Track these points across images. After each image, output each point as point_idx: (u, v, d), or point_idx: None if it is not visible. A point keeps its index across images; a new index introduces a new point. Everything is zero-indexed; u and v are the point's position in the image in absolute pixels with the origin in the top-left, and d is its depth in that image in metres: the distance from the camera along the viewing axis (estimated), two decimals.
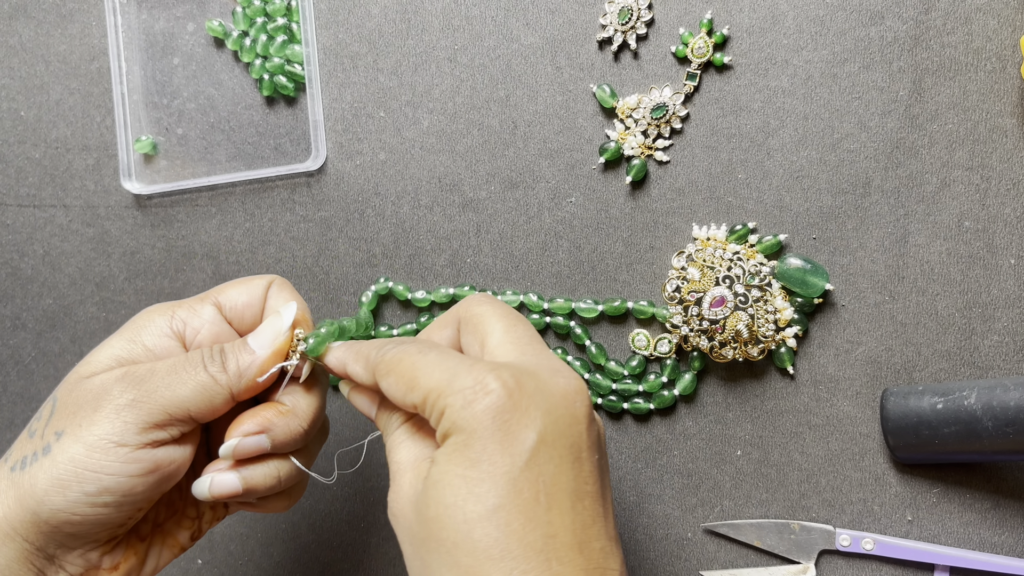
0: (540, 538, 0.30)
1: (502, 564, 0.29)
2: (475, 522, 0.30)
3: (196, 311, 0.38)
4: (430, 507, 0.31)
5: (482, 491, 0.30)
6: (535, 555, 0.29)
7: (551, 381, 0.32)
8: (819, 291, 0.45)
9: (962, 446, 0.42)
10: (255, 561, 0.52)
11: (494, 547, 0.29)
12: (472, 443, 0.30)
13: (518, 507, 0.30)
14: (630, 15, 0.47)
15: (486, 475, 0.30)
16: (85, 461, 0.34)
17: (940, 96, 0.45)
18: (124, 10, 0.53)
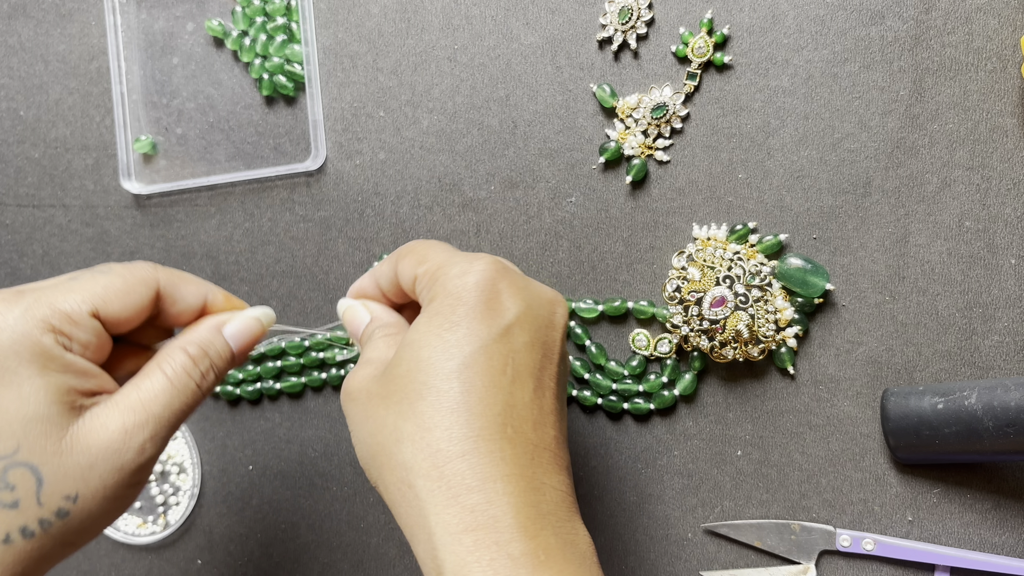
0: (500, 403, 0.32)
1: (459, 417, 0.31)
2: (443, 375, 0.32)
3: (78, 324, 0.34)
4: (401, 365, 0.33)
5: (455, 350, 0.32)
6: (493, 416, 0.32)
7: (538, 287, 0.36)
8: (819, 291, 0.45)
9: (963, 446, 0.42)
10: (255, 561, 0.52)
11: (456, 400, 0.31)
12: (456, 308, 0.33)
13: (486, 370, 0.32)
14: (630, 15, 0.47)
15: (463, 337, 0.32)
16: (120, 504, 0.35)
17: (941, 96, 0.45)
18: (123, 10, 0.53)
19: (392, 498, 0.32)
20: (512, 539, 0.30)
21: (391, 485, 0.32)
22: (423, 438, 0.32)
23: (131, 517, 0.54)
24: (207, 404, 0.53)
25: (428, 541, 0.31)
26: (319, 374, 0.51)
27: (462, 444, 0.31)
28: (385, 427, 0.33)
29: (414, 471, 0.31)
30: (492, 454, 0.31)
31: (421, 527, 0.31)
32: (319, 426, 0.52)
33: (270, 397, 0.52)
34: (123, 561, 0.54)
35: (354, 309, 0.40)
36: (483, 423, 0.32)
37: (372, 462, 0.33)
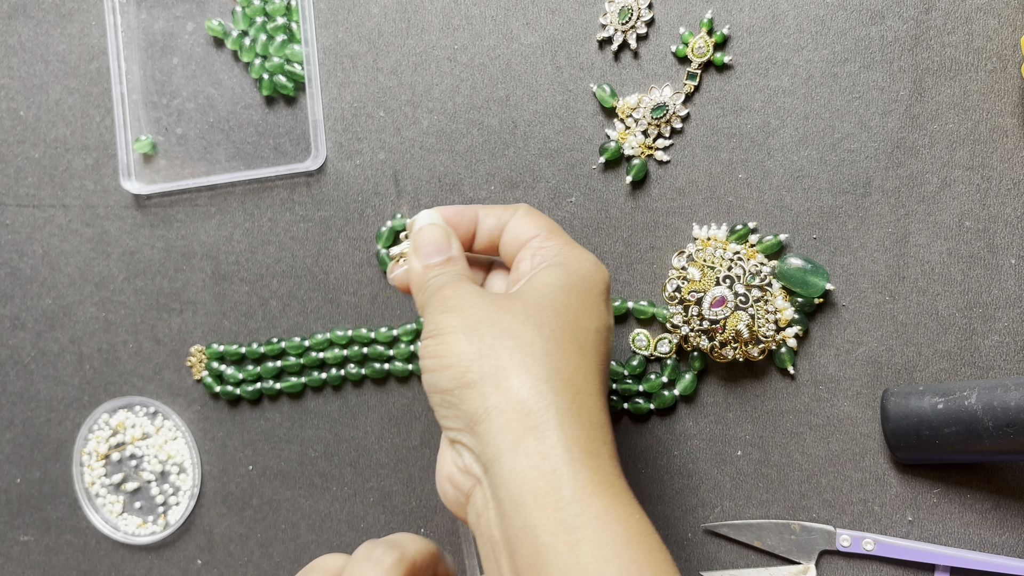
0: (605, 377, 0.36)
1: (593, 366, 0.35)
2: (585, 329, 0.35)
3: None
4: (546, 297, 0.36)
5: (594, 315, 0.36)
6: (604, 381, 0.36)
7: None
8: (819, 291, 0.45)
9: (963, 446, 0.42)
10: (255, 561, 0.52)
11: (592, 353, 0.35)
12: (590, 288, 0.37)
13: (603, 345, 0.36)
14: (630, 15, 0.47)
15: (594, 311, 0.36)
16: None
17: (941, 96, 0.45)
18: (123, 9, 0.53)
19: (497, 404, 0.33)
20: (622, 477, 0.33)
21: (507, 391, 0.33)
22: (562, 364, 0.34)
23: (131, 517, 0.54)
24: (207, 404, 0.53)
25: (545, 453, 0.32)
26: (319, 374, 0.51)
27: (592, 385, 0.34)
28: (518, 338, 0.34)
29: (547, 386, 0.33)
30: (606, 407, 0.35)
31: (539, 439, 0.32)
32: (319, 426, 0.52)
33: (270, 397, 0.52)
34: (123, 561, 0.54)
35: (443, 232, 0.40)
36: (603, 380, 0.35)
37: (484, 362, 0.34)
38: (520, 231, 0.40)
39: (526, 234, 0.39)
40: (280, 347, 0.52)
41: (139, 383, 0.54)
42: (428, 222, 0.40)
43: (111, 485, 0.54)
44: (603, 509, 0.31)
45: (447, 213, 0.41)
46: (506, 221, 0.40)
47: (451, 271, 0.39)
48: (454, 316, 0.35)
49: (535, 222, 0.40)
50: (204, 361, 0.53)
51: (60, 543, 0.55)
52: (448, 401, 0.34)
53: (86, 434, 0.54)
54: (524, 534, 0.31)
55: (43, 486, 0.56)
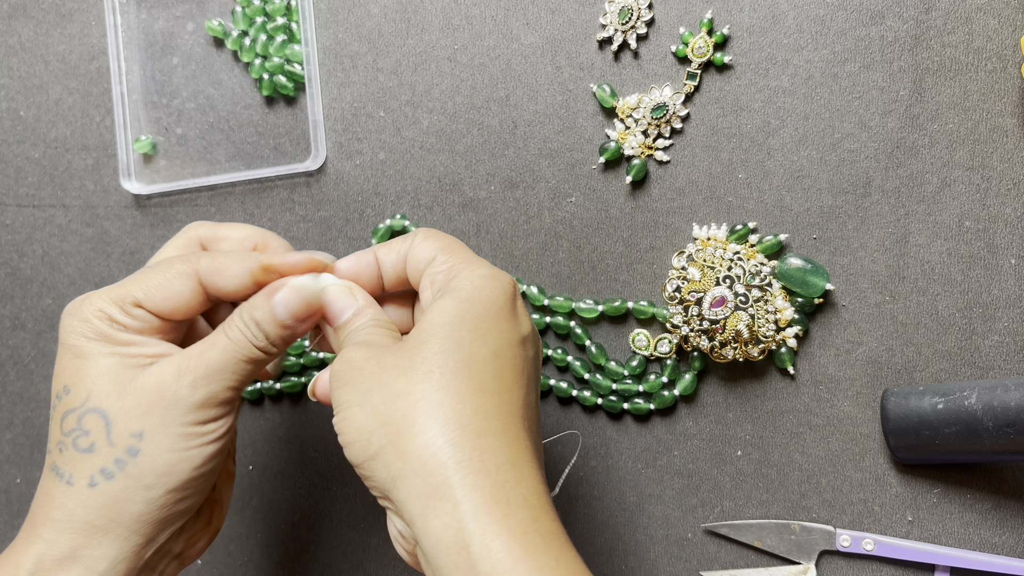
0: (521, 398, 0.34)
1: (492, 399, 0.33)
2: (479, 359, 0.33)
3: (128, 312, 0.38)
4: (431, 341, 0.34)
5: (489, 340, 0.34)
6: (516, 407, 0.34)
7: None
8: (819, 291, 0.45)
9: (963, 446, 0.42)
10: (255, 561, 0.52)
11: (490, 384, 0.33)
12: (488, 305, 0.35)
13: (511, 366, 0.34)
14: (630, 15, 0.47)
15: (493, 332, 0.34)
16: (185, 443, 0.37)
17: (941, 96, 0.45)
18: (123, 10, 0.53)
19: (398, 470, 0.32)
20: (541, 517, 0.31)
21: (405, 455, 0.32)
22: (457, 410, 0.32)
23: None
24: None
25: (452, 513, 0.31)
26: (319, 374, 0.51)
27: (494, 423, 0.32)
28: (408, 395, 0.33)
29: (444, 440, 0.32)
30: (519, 439, 0.33)
31: (443, 498, 0.31)
32: (319, 426, 0.52)
33: (270, 397, 0.52)
34: None
35: (342, 291, 0.39)
36: (510, 410, 0.33)
37: (377, 433, 0.33)
38: (418, 258, 0.38)
39: (424, 260, 0.38)
40: None
41: None
42: (322, 287, 0.39)
43: None
44: (513, 562, 0.30)
45: (345, 265, 0.40)
46: (405, 252, 0.39)
47: (358, 326, 0.38)
48: (346, 390, 0.34)
49: (431, 244, 0.38)
50: None
51: None
52: (362, 474, 0.34)
53: None
54: None
55: None
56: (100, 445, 0.36)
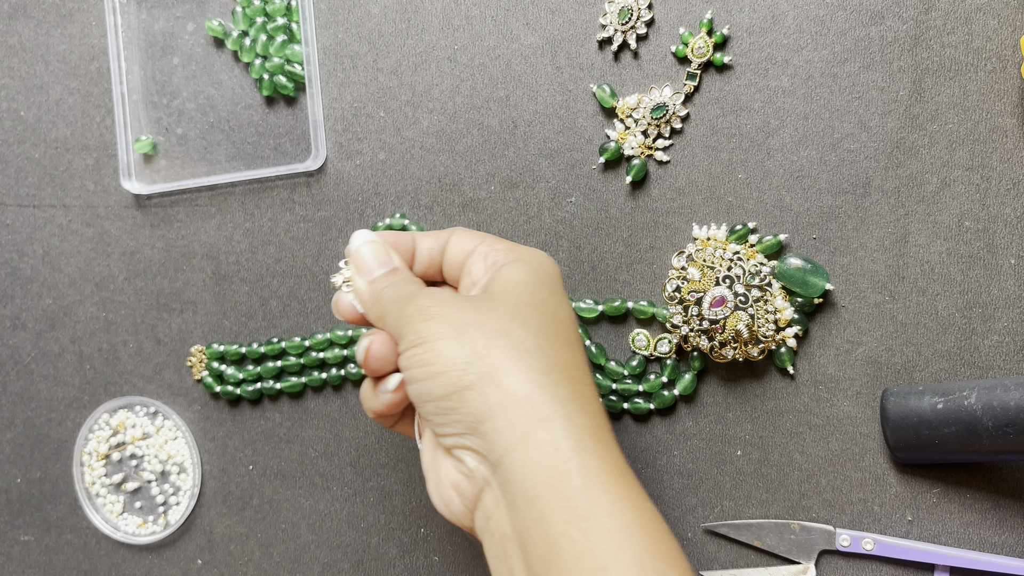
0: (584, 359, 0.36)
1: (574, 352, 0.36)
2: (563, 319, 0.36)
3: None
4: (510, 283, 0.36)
5: (560, 305, 0.37)
6: (586, 366, 0.36)
7: None
8: (819, 291, 0.45)
9: (962, 446, 0.42)
10: (255, 561, 0.52)
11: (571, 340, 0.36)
12: (545, 278, 0.37)
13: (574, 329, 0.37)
14: (630, 15, 0.47)
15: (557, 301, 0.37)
16: None
17: (940, 96, 0.45)
18: (124, 10, 0.53)
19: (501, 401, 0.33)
20: (626, 464, 0.34)
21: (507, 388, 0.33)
22: (555, 358, 0.34)
23: (131, 517, 0.54)
24: (207, 404, 0.53)
25: (554, 444, 0.32)
26: (319, 374, 0.51)
27: (585, 376, 0.35)
28: (509, 336, 0.34)
29: (547, 379, 0.33)
30: (593, 387, 0.35)
31: (547, 429, 0.32)
32: (319, 426, 0.52)
33: (270, 397, 0.52)
34: (123, 561, 0.54)
35: (380, 248, 0.40)
36: (584, 366, 0.36)
37: (478, 363, 0.34)
38: (459, 248, 0.40)
39: (465, 250, 0.40)
40: (280, 347, 0.52)
41: (139, 383, 0.54)
42: (363, 241, 0.40)
43: (111, 485, 0.54)
44: (615, 497, 0.31)
45: (383, 237, 0.41)
46: (445, 240, 0.41)
47: (398, 280, 0.39)
48: (439, 322, 0.35)
49: (472, 236, 0.40)
50: (204, 361, 0.53)
51: (60, 543, 0.55)
52: (445, 407, 0.34)
53: (86, 434, 0.54)
54: (538, 526, 0.31)
55: (43, 486, 0.56)
56: None
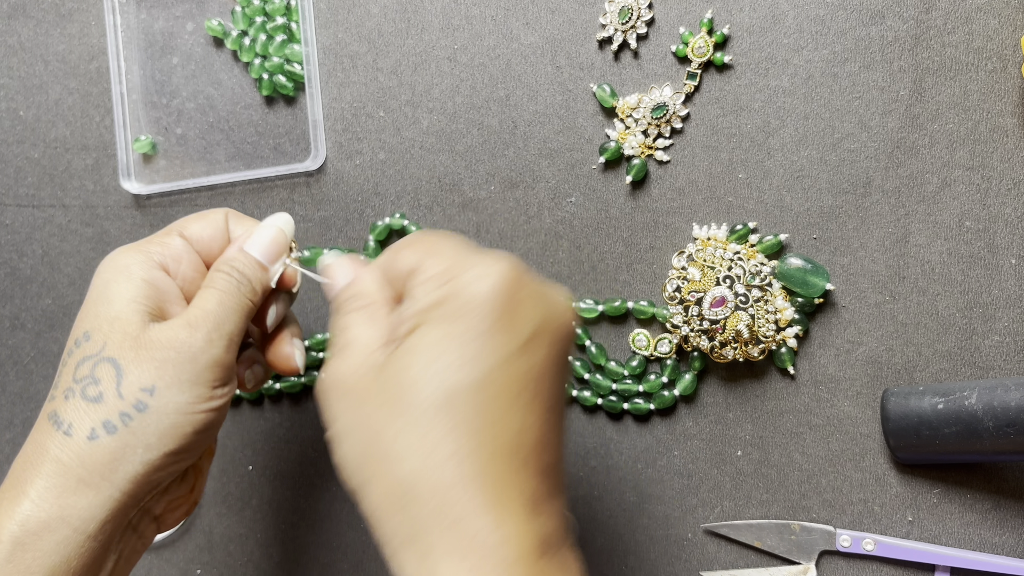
0: (514, 428, 0.30)
1: (471, 440, 0.30)
2: (459, 393, 0.30)
3: (167, 244, 0.40)
4: (409, 370, 0.31)
5: (473, 366, 0.30)
6: (505, 442, 0.30)
7: (553, 293, 0.34)
8: (820, 291, 0.45)
9: (963, 446, 0.42)
10: (254, 562, 0.52)
11: (470, 422, 0.30)
12: (473, 317, 0.31)
13: (503, 392, 0.30)
14: (630, 14, 0.47)
15: (481, 352, 0.30)
16: (195, 405, 0.36)
17: (941, 96, 0.45)
18: (123, 9, 0.53)
19: (378, 507, 0.31)
20: (514, 567, 0.29)
21: (381, 496, 0.31)
22: (430, 456, 0.30)
23: None
24: None
25: (421, 562, 0.30)
26: (319, 374, 0.51)
27: (471, 468, 0.30)
28: (383, 436, 0.31)
29: (416, 489, 0.30)
30: (499, 482, 0.30)
31: (414, 545, 0.30)
32: (319, 426, 0.52)
33: (270, 397, 0.52)
34: None
35: (340, 264, 0.38)
36: (494, 449, 0.30)
37: (360, 468, 0.32)
38: (399, 269, 0.35)
39: (404, 270, 0.34)
40: None
41: None
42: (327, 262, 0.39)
43: None
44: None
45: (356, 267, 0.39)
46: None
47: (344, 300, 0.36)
48: (331, 410, 0.34)
49: (412, 252, 0.34)
50: None
51: None
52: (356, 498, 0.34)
53: None
54: None
55: None
56: (108, 396, 0.35)
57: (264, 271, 0.40)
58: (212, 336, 0.37)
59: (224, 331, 0.37)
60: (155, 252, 0.39)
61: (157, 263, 0.39)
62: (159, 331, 0.36)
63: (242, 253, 0.40)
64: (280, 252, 0.41)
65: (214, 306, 0.37)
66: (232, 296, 0.38)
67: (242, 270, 0.39)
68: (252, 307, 0.39)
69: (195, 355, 0.36)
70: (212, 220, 0.41)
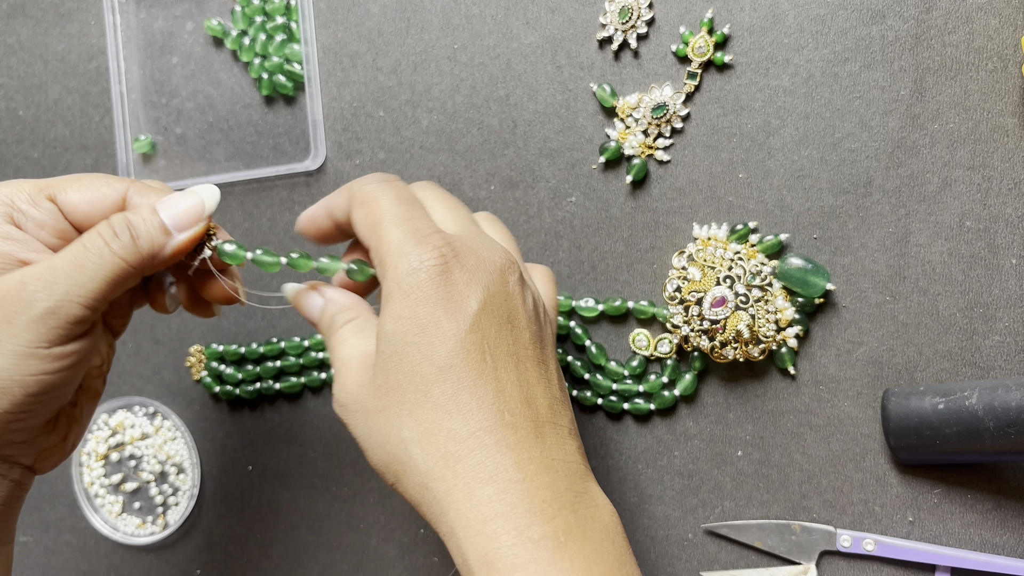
0: (490, 392, 0.33)
1: (458, 416, 0.33)
2: (431, 382, 0.33)
3: (36, 203, 0.37)
4: (388, 375, 0.34)
5: (434, 353, 0.33)
6: (487, 406, 0.33)
7: (488, 257, 0.35)
8: (820, 291, 0.45)
9: (963, 447, 0.42)
10: (255, 561, 0.52)
11: (450, 402, 0.33)
12: (418, 309, 0.33)
13: (468, 364, 0.33)
14: (630, 14, 0.47)
15: (435, 338, 0.33)
16: (20, 368, 0.34)
17: (941, 95, 0.44)
18: (123, 9, 0.53)
19: (414, 499, 0.34)
20: (531, 523, 0.31)
21: (410, 488, 0.34)
22: (430, 443, 0.33)
23: (130, 517, 0.54)
24: (206, 404, 0.53)
25: (452, 536, 0.32)
26: (318, 374, 0.51)
27: (467, 442, 0.32)
28: (391, 437, 0.34)
29: (428, 474, 0.33)
30: (497, 444, 0.32)
31: (444, 523, 0.33)
32: (319, 426, 0.52)
33: (269, 398, 0.52)
34: (123, 561, 0.54)
35: (305, 295, 0.39)
36: (480, 417, 0.33)
37: (388, 469, 0.35)
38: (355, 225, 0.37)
39: (357, 228, 0.37)
40: (279, 347, 0.52)
41: (138, 383, 0.54)
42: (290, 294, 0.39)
43: (110, 485, 0.54)
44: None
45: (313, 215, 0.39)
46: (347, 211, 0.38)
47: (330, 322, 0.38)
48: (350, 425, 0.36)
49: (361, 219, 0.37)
50: (203, 361, 0.53)
51: (59, 543, 0.55)
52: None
53: (85, 434, 0.54)
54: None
55: (42, 486, 0.55)
56: None
57: (165, 235, 0.36)
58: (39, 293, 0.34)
59: (69, 290, 0.34)
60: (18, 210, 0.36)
61: (14, 223, 0.36)
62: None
63: (148, 210, 0.37)
64: (193, 221, 0.37)
65: (63, 262, 0.34)
66: (96, 255, 0.35)
67: (131, 227, 0.36)
68: (128, 269, 0.35)
69: (18, 312, 0.34)
70: (100, 192, 0.38)
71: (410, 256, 0.34)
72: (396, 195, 0.36)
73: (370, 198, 0.36)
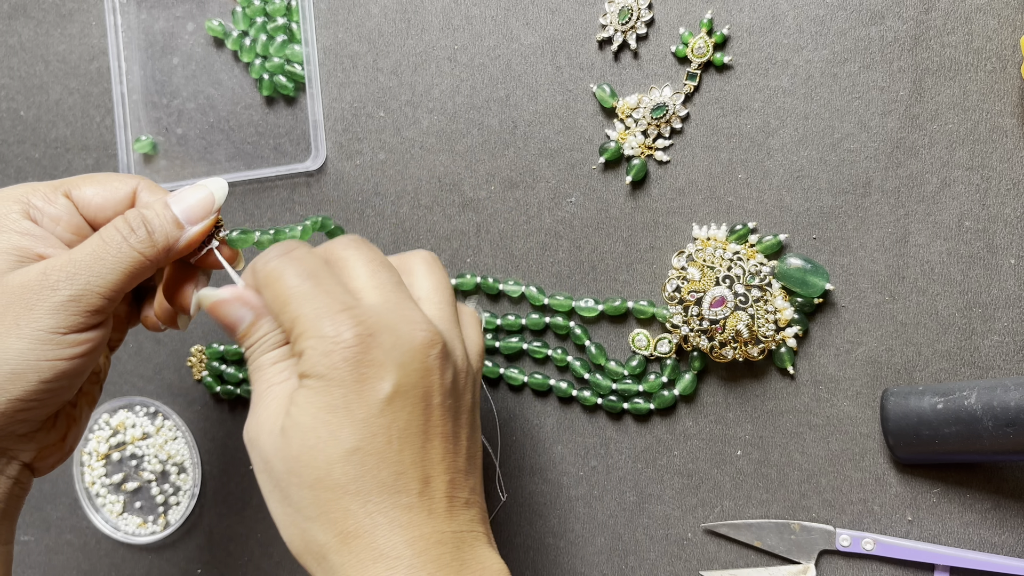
0: (391, 475, 0.33)
1: (358, 498, 0.33)
2: (335, 462, 0.33)
3: (51, 201, 0.38)
4: (292, 447, 0.34)
5: (342, 435, 0.33)
6: (386, 489, 0.33)
7: (408, 334, 0.34)
8: (819, 291, 0.45)
9: (962, 446, 0.42)
10: (255, 561, 0.52)
11: (352, 483, 0.33)
12: (331, 390, 0.33)
13: (373, 449, 0.33)
14: (630, 15, 0.47)
15: (345, 421, 0.33)
16: (37, 352, 0.35)
17: (940, 96, 0.45)
18: (124, 10, 0.53)
19: (311, 566, 0.35)
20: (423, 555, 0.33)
21: (306, 556, 0.34)
22: (328, 519, 0.33)
23: (131, 517, 0.54)
24: (207, 404, 0.53)
25: None
26: None
27: (363, 522, 0.33)
28: (290, 505, 0.34)
29: (327, 546, 0.33)
30: (391, 524, 0.33)
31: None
32: None
33: None
34: (123, 561, 0.54)
35: (227, 304, 0.37)
36: (380, 498, 0.33)
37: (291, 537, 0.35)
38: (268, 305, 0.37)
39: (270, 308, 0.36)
40: None
41: (139, 383, 0.54)
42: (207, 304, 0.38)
43: (111, 485, 0.54)
44: None
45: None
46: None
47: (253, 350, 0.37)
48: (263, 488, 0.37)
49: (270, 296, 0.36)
50: (204, 361, 0.53)
51: (60, 543, 0.55)
52: None
53: (86, 434, 0.54)
54: None
55: (43, 486, 0.56)
56: None
57: (178, 229, 0.38)
58: (60, 283, 0.35)
59: (90, 281, 0.35)
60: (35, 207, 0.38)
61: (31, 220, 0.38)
62: (14, 276, 0.36)
63: (161, 205, 0.38)
64: (204, 214, 0.38)
65: (83, 255, 0.36)
66: (115, 248, 0.36)
67: (146, 222, 0.37)
68: (145, 262, 0.37)
69: (38, 300, 0.35)
70: (112, 187, 0.39)
71: (325, 337, 0.33)
72: (299, 269, 0.35)
73: (272, 278, 0.35)
